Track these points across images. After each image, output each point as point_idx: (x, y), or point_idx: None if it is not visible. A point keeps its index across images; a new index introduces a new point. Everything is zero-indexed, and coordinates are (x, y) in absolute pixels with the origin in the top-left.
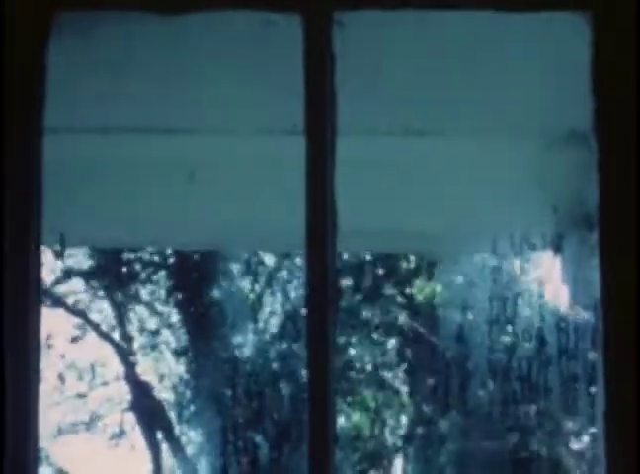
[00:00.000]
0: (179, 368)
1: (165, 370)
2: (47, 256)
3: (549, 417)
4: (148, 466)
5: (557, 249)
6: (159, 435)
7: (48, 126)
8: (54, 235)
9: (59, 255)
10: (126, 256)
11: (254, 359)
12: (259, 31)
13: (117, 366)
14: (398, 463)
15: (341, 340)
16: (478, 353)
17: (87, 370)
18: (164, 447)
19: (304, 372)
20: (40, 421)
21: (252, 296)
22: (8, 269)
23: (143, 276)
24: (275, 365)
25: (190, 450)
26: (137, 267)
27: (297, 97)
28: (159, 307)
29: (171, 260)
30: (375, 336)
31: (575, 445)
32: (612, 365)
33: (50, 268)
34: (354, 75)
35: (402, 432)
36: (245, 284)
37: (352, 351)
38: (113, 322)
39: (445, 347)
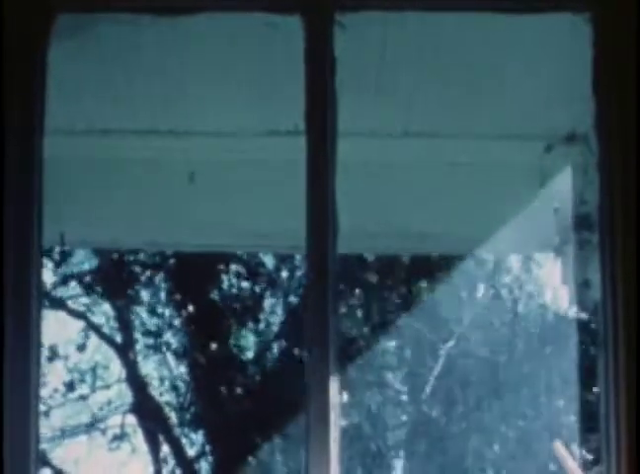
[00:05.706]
0: (180, 370)
1: (166, 372)
2: (47, 257)
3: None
4: (149, 468)
5: (558, 250)
6: (160, 438)
7: (49, 128)
8: (54, 236)
9: (59, 256)
10: (127, 257)
11: (254, 360)
12: (260, 32)
13: (118, 369)
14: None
15: (340, 339)
16: (478, 352)
17: (88, 373)
18: (165, 449)
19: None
20: (40, 423)
21: (252, 297)
22: (9, 269)
23: (144, 277)
24: (275, 366)
25: (190, 452)
26: (138, 268)
27: (298, 98)
28: (160, 309)
29: (171, 261)
30: (375, 336)
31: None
32: (613, 366)
33: (51, 269)
34: (354, 76)
35: (402, 432)
36: (245, 285)
37: (352, 351)
38: (114, 324)
39: (445, 347)
